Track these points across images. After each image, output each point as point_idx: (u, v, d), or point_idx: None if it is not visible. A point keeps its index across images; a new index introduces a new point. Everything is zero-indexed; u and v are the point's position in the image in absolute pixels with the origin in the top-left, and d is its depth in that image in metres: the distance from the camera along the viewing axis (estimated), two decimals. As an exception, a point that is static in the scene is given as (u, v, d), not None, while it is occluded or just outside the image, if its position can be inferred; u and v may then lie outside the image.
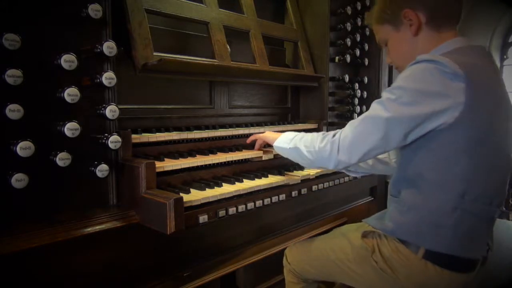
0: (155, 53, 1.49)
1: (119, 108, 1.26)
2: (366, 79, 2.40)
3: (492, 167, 1.16)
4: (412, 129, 1.12)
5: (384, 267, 1.27)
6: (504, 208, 1.34)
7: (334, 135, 1.25)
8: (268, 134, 1.62)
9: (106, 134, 1.24)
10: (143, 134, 1.47)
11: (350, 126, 1.23)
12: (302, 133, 1.41)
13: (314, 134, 1.34)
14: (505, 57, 7.08)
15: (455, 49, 1.21)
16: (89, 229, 1.18)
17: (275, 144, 1.49)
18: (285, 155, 1.47)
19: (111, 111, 1.23)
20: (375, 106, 1.18)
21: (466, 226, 1.17)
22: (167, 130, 1.60)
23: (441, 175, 1.15)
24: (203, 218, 1.28)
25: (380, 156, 1.56)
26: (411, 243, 1.22)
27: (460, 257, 1.19)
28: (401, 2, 1.27)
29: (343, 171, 1.64)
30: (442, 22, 1.25)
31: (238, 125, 1.89)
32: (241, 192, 1.41)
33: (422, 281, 1.21)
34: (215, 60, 1.70)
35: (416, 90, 1.10)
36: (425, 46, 1.26)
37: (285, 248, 1.68)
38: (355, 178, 1.93)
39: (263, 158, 1.72)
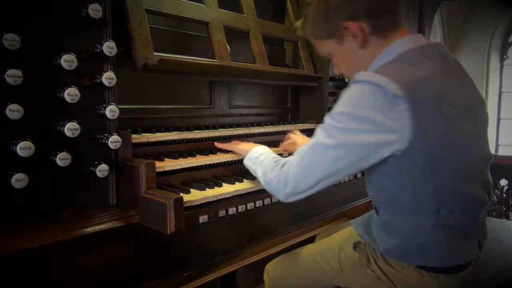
0: (155, 53, 1.49)
1: (119, 108, 1.26)
2: (366, 79, 2.40)
3: (460, 176, 1.11)
4: (361, 157, 1.05)
5: (382, 276, 1.25)
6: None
7: (283, 165, 1.18)
8: (242, 146, 1.52)
9: (106, 134, 1.24)
10: (143, 134, 1.47)
11: (298, 156, 1.14)
12: (267, 153, 1.34)
13: (271, 159, 1.27)
14: (505, 57, 7.09)
15: (401, 54, 1.11)
16: (89, 229, 1.18)
17: (244, 161, 1.42)
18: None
19: (111, 111, 1.23)
20: (320, 133, 1.10)
21: (450, 239, 1.13)
22: (167, 130, 1.60)
23: (411, 199, 1.11)
24: (203, 218, 1.28)
25: None
26: (400, 261, 1.21)
27: (452, 266, 1.18)
28: (338, 15, 1.16)
29: None
30: (387, 26, 1.15)
31: (238, 125, 1.89)
32: (241, 192, 1.41)
33: (420, 286, 1.20)
34: (215, 60, 1.70)
35: (359, 116, 1.02)
36: (374, 55, 1.17)
37: (285, 249, 1.69)
38: (355, 178, 1.93)
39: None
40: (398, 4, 1.17)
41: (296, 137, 1.70)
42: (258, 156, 1.34)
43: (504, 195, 3.44)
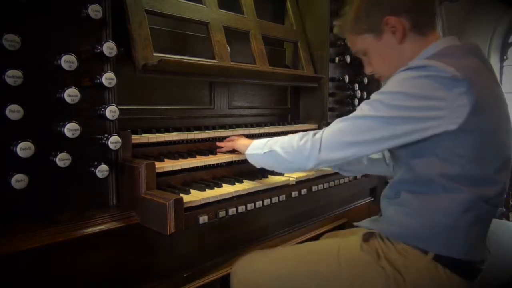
0: (155, 54, 1.49)
1: (119, 109, 1.26)
2: (366, 80, 2.40)
3: (500, 168, 1.14)
4: (404, 134, 1.07)
5: (392, 272, 1.16)
6: (503, 209, 1.34)
7: (315, 134, 1.19)
8: (239, 142, 1.51)
9: (106, 135, 1.24)
10: (143, 135, 1.47)
11: (336, 123, 1.17)
12: (276, 137, 1.35)
13: (291, 135, 1.27)
14: (505, 57, 7.09)
15: (443, 49, 1.16)
16: (89, 230, 1.18)
17: (247, 152, 1.40)
18: (258, 163, 1.38)
19: (111, 111, 1.23)
20: (364, 106, 1.13)
21: (476, 228, 1.14)
22: (167, 130, 1.60)
23: (452, 180, 1.11)
24: (203, 219, 1.28)
25: (375, 156, 1.51)
26: (420, 247, 1.15)
27: (470, 261, 1.15)
28: (381, 9, 1.20)
29: (337, 170, 1.59)
30: (426, 24, 1.20)
31: (238, 126, 1.89)
32: (241, 193, 1.41)
33: (430, 284, 1.15)
34: (215, 61, 1.70)
35: (407, 94, 1.05)
36: (412, 52, 1.20)
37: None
38: (355, 178, 1.93)
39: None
40: (434, 7, 1.24)
41: (230, 143, 1.60)
42: (267, 141, 1.34)
43: (505, 196, 3.44)
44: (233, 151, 1.58)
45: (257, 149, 1.37)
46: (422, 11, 1.19)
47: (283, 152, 1.25)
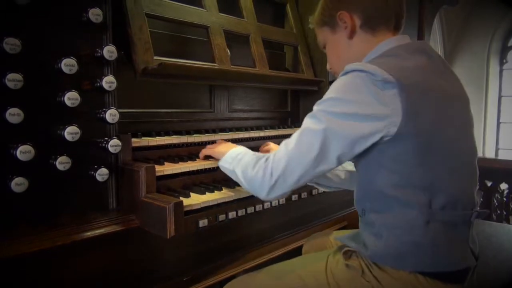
0: (155, 57, 1.49)
1: (119, 112, 1.26)
2: (366, 83, 2.40)
3: (451, 170, 1.10)
4: (350, 142, 1.04)
5: (377, 285, 1.16)
6: (487, 210, 1.31)
7: (267, 158, 1.13)
8: (219, 148, 1.44)
9: (106, 138, 1.24)
10: (143, 138, 1.47)
11: (284, 146, 1.12)
12: (246, 152, 1.28)
13: (251, 155, 1.22)
14: (504, 61, 7.11)
15: (386, 51, 1.17)
16: (89, 233, 1.18)
17: (219, 162, 1.35)
18: (229, 176, 1.33)
19: (111, 115, 1.23)
20: (307, 120, 1.10)
21: (443, 237, 1.10)
22: (167, 134, 1.60)
23: (401, 190, 1.08)
24: (203, 222, 1.28)
25: (352, 168, 1.47)
26: (394, 267, 1.13)
27: (448, 272, 1.11)
28: (337, 3, 1.24)
29: (314, 185, 1.56)
30: (378, 24, 1.21)
31: (238, 129, 1.89)
32: (241, 196, 1.41)
33: None
34: (215, 64, 1.70)
35: (348, 100, 1.04)
36: (360, 50, 1.23)
37: (285, 253, 1.68)
38: (355, 182, 1.93)
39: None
40: (396, 9, 1.22)
41: (210, 150, 1.52)
42: (235, 156, 1.28)
43: (505, 199, 3.43)
44: (210, 157, 1.52)
45: (226, 162, 1.31)
46: (376, 11, 1.21)
47: (242, 177, 1.20)
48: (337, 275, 1.22)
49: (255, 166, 1.15)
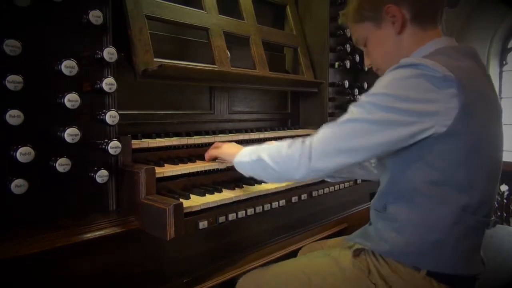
0: (155, 59, 1.49)
1: (119, 114, 1.26)
2: (365, 85, 2.41)
3: (488, 175, 1.10)
4: (399, 137, 1.01)
5: (384, 287, 1.14)
6: (495, 219, 1.28)
7: (304, 141, 1.10)
8: (225, 149, 1.42)
9: (106, 140, 1.24)
10: (143, 140, 1.47)
11: (325, 129, 1.09)
12: (266, 145, 1.26)
13: (280, 142, 1.18)
14: (504, 62, 7.10)
15: (438, 49, 1.13)
16: (89, 235, 1.17)
17: (235, 160, 1.30)
18: (246, 172, 1.29)
19: (111, 116, 1.23)
20: (354, 109, 1.06)
21: (467, 241, 1.09)
22: (167, 135, 1.60)
23: (439, 188, 1.06)
24: (203, 224, 1.27)
25: None
26: (412, 265, 1.12)
27: (463, 275, 1.11)
28: None
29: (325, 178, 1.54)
30: (427, 18, 1.17)
31: (238, 131, 1.89)
32: (241, 198, 1.41)
33: None
34: (215, 66, 1.70)
35: (400, 96, 1.00)
36: (410, 45, 1.18)
37: (285, 255, 1.67)
38: (355, 183, 1.93)
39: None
40: (442, 3, 1.19)
41: (214, 151, 1.51)
42: (255, 149, 1.24)
43: (505, 200, 3.44)
44: (215, 159, 1.51)
45: (244, 156, 1.27)
46: (425, 3, 1.16)
47: (271, 161, 1.16)
48: (343, 275, 1.21)
49: (290, 146, 1.12)
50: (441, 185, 1.07)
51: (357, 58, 2.32)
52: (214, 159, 1.52)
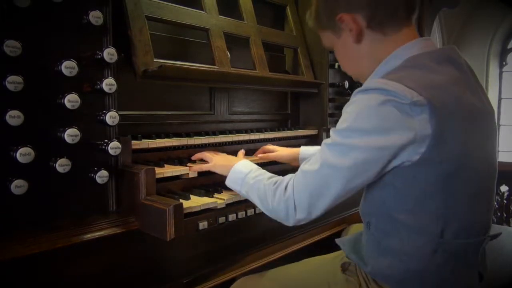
0: (155, 60, 1.49)
1: (119, 114, 1.26)
2: (365, 85, 2.40)
3: (471, 195, 1.03)
4: (375, 173, 0.98)
5: None
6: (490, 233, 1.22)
7: (286, 188, 1.07)
8: (218, 162, 1.39)
9: (106, 140, 1.24)
10: (143, 140, 1.47)
11: (303, 177, 1.05)
12: (255, 171, 1.23)
13: (266, 180, 1.15)
14: (504, 63, 7.11)
15: (409, 59, 1.03)
16: (89, 236, 1.17)
17: (227, 182, 1.29)
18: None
19: (111, 117, 1.23)
20: (327, 151, 1.01)
21: (449, 267, 1.04)
22: (167, 136, 1.60)
23: (414, 217, 1.02)
24: (203, 225, 1.27)
25: None
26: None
27: None
28: (334, 5, 1.09)
29: None
30: (386, 21, 1.06)
31: (238, 131, 1.89)
32: (241, 199, 1.41)
33: None
34: (215, 67, 1.70)
35: (371, 130, 0.94)
36: (373, 52, 1.10)
37: (285, 255, 1.67)
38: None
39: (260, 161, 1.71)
40: (397, 3, 1.06)
41: (206, 165, 1.47)
42: (244, 177, 1.22)
43: (505, 201, 3.44)
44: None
45: (235, 183, 1.26)
46: (378, 7, 1.05)
47: (261, 205, 1.16)
48: (335, 286, 1.22)
49: (274, 197, 1.09)
50: (416, 213, 1.02)
51: (357, 58, 2.32)
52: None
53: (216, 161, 1.42)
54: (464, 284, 1.09)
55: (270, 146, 1.75)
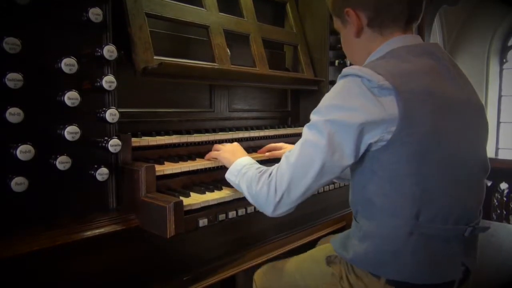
0: (155, 57, 1.49)
1: (119, 112, 1.26)
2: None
3: (450, 182, 1.06)
4: (354, 147, 1.02)
5: None
6: (494, 218, 1.25)
7: (270, 173, 1.12)
8: (225, 153, 1.43)
9: (106, 138, 1.24)
10: (143, 138, 1.47)
11: (286, 161, 1.09)
12: (250, 164, 1.27)
13: (254, 170, 1.20)
14: (504, 60, 7.11)
15: (390, 51, 1.12)
16: (89, 233, 1.18)
17: (226, 175, 1.33)
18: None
19: (111, 114, 1.23)
20: (307, 132, 1.07)
21: (427, 250, 1.07)
22: (167, 133, 1.60)
23: (389, 200, 1.06)
24: (203, 222, 1.28)
25: None
26: (371, 272, 1.13)
27: (430, 284, 1.09)
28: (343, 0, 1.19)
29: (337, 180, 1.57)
30: (386, 24, 1.15)
31: (238, 129, 1.89)
32: (241, 196, 1.41)
33: None
34: (215, 64, 1.70)
35: (346, 107, 1.01)
36: (366, 48, 1.19)
37: (284, 253, 1.68)
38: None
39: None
40: (407, 7, 1.14)
41: (216, 153, 1.52)
42: (241, 168, 1.27)
43: (505, 198, 3.44)
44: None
45: (232, 174, 1.29)
46: (382, 7, 1.13)
47: (247, 192, 1.19)
48: (321, 279, 1.27)
49: (259, 182, 1.13)
50: (392, 196, 1.06)
51: (357, 56, 2.32)
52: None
53: (224, 151, 1.46)
54: (443, 272, 1.10)
55: (277, 144, 1.75)
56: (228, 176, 1.32)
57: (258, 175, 1.16)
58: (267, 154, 1.71)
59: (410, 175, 1.03)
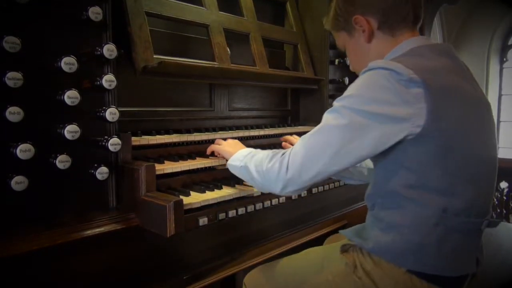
0: (155, 56, 1.49)
1: (119, 111, 1.26)
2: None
3: (470, 176, 1.08)
4: (371, 141, 1.02)
5: (367, 282, 1.16)
6: (494, 217, 1.29)
7: (284, 153, 1.13)
8: (225, 147, 1.46)
9: (106, 137, 1.24)
10: (143, 137, 1.47)
11: (302, 140, 1.11)
12: (259, 150, 1.29)
13: (266, 152, 1.21)
14: (504, 59, 7.10)
15: (411, 50, 1.14)
16: (89, 232, 1.18)
17: (228, 162, 1.36)
18: (237, 175, 1.33)
19: (111, 113, 1.23)
20: (327, 116, 1.08)
21: (450, 243, 1.09)
22: (167, 132, 1.60)
23: (417, 191, 1.07)
24: (203, 221, 1.28)
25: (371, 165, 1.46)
26: (393, 262, 1.14)
27: (446, 276, 1.11)
28: (351, 8, 1.22)
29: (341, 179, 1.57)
30: (396, 25, 1.19)
31: (238, 128, 1.89)
32: (241, 195, 1.41)
33: None
34: (215, 63, 1.70)
35: (372, 99, 1.02)
36: (380, 51, 1.22)
37: (284, 252, 1.67)
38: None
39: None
40: (413, 8, 1.19)
41: (217, 146, 1.54)
42: (247, 154, 1.28)
43: (504, 197, 3.44)
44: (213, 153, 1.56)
45: (236, 160, 1.31)
46: (390, 12, 1.18)
47: (255, 172, 1.19)
48: (331, 271, 1.25)
49: (271, 160, 1.14)
50: (419, 189, 1.08)
51: (357, 55, 2.32)
52: (213, 153, 1.54)
53: (225, 145, 1.48)
54: (461, 264, 1.13)
55: (291, 137, 1.78)
56: (231, 162, 1.33)
57: (270, 154, 1.17)
58: (283, 143, 1.75)
59: (437, 167, 1.05)
